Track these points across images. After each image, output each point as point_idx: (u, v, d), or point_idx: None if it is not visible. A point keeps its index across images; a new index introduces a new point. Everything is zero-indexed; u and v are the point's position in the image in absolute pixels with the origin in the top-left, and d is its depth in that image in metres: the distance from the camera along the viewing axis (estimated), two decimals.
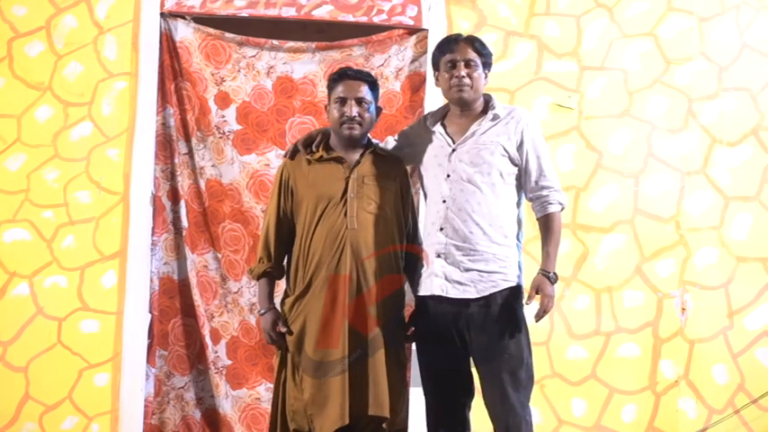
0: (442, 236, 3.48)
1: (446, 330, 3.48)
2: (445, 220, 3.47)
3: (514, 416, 3.40)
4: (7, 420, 4.77)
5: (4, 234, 4.83)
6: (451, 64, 3.52)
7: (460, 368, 3.54)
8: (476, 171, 3.46)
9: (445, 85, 3.55)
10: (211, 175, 4.93)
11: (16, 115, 4.88)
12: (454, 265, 3.45)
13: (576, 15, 4.95)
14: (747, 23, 4.96)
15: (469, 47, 3.54)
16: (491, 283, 3.44)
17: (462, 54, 3.52)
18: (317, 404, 3.51)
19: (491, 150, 3.47)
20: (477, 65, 3.53)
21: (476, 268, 3.44)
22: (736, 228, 4.89)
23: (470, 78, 3.51)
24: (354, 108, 3.58)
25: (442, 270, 3.47)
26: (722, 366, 4.85)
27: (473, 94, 3.53)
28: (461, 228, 3.45)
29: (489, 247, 3.45)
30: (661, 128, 4.92)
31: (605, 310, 4.85)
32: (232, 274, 4.92)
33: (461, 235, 3.45)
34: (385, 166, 3.65)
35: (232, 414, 4.90)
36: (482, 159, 3.47)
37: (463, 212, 3.45)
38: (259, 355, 4.90)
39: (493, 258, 3.45)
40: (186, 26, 4.92)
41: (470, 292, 3.43)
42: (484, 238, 3.45)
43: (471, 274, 3.44)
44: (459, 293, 3.44)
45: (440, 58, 3.57)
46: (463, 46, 3.54)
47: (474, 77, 3.51)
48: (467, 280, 3.44)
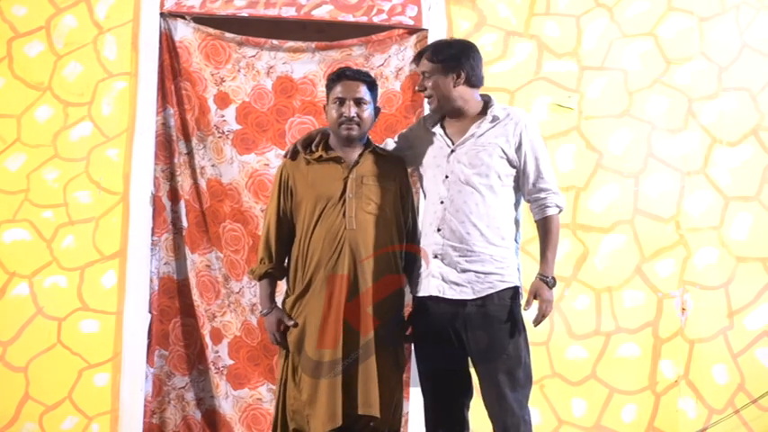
0: (439, 237, 3.48)
1: (444, 330, 3.48)
2: (442, 221, 3.48)
3: (512, 416, 3.40)
4: (7, 420, 4.77)
5: (3, 234, 4.83)
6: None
7: (458, 368, 3.54)
8: (474, 173, 3.46)
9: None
10: (212, 174, 4.93)
11: (16, 115, 4.87)
12: (451, 266, 3.46)
13: (575, 15, 4.94)
14: (747, 23, 4.96)
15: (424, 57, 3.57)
16: (488, 284, 3.44)
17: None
18: (313, 404, 3.51)
19: (489, 152, 3.47)
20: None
21: (472, 269, 3.44)
22: (736, 228, 4.89)
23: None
24: (353, 108, 3.58)
25: (439, 271, 3.47)
26: (722, 366, 4.85)
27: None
28: (458, 229, 3.45)
29: (486, 248, 3.45)
30: (661, 128, 4.92)
31: (605, 310, 4.85)
32: (233, 274, 4.92)
33: (458, 236, 3.45)
34: (384, 166, 3.64)
35: (232, 414, 4.89)
36: (480, 161, 3.47)
37: (461, 213, 3.46)
38: (260, 355, 4.90)
39: (490, 259, 3.45)
40: (186, 26, 4.92)
41: (467, 292, 3.44)
42: (481, 240, 3.45)
43: (468, 275, 3.44)
44: (456, 294, 3.44)
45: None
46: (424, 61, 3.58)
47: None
48: (463, 281, 3.44)
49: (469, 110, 3.56)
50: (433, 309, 3.50)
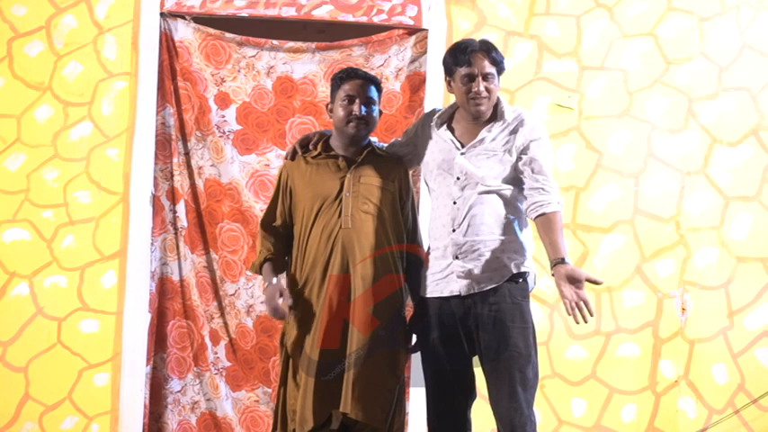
0: (455, 237, 3.46)
1: (453, 330, 3.46)
2: (457, 221, 3.46)
3: (521, 415, 3.39)
4: (7, 420, 4.77)
5: (3, 234, 4.83)
6: (469, 77, 3.47)
7: (464, 369, 3.53)
8: (485, 175, 3.45)
9: (461, 98, 3.50)
10: (210, 174, 4.93)
11: (16, 115, 4.88)
12: (475, 261, 3.43)
13: (575, 15, 4.95)
14: (747, 23, 4.96)
15: (487, 58, 3.46)
16: (515, 264, 3.42)
17: (480, 67, 3.46)
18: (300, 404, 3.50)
19: (499, 156, 3.47)
20: (494, 76, 3.50)
21: (495, 256, 3.42)
22: (736, 228, 4.89)
23: (488, 91, 3.48)
24: (363, 107, 3.57)
25: (463, 270, 3.45)
26: (722, 366, 4.85)
27: (490, 105, 3.50)
28: (475, 226, 3.44)
29: (503, 238, 3.44)
30: (661, 128, 4.92)
31: (605, 310, 4.84)
32: (229, 276, 4.92)
33: (476, 233, 3.44)
34: (384, 166, 3.63)
35: (233, 416, 4.89)
36: (490, 165, 3.45)
37: (475, 212, 3.44)
38: (255, 359, 4.89)
39: (509, 245, 3.44)
40: (186, 26, 4.92)
41: (495, 278, 3.41)
42: (498, 234, 3.44)
43: (492, 262, 3.42)
44: (488, 284, 3.41)
45: (454, 68, 3.49)
46: (480, 57, 3.47)
47: (491, 89, 3.48)
48: (489, 269, 3.43)
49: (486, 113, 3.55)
50: (443, 310, 3.48)
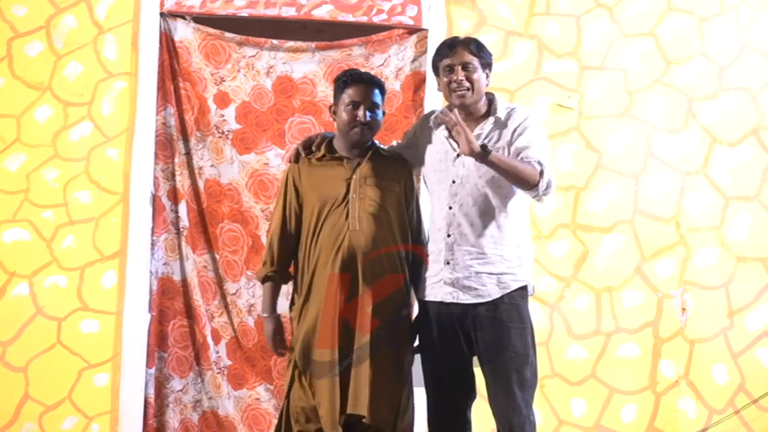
0: (449, 242, 3.46)
1: (452, 331, 3.46)
2: (452, 226, 3.46)
3: (519, 415, 3.40)
4: (7, 420, 4.77)
5: (3, 234, 4.83)
6: (449, 68, 3.49)
7: (463, 370, 3.53)
8: (481, 176, 3.45)
9: (445, 91, 3.53)
10: (210, 174, 4.93)
11: (16, 115, 4.87)
12: (463, 271, 3.43)
13: (575, 15, 4.94)
14: (747, 23, 4.96)
15: (466, 50, 3.50)
16: (502, 285, 3.42)
17: (459, 58, 3.49)
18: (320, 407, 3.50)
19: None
20: (476, 67, 3.50)
21: (485, 271, 3.42)
22: (736, 228, 4.89)
23: (470, 81, 3.48)
24: (367, 113, 3.56)
25: (451, 277, 3.45)
26: (722, 366, 4.85)
27: (474, 96, 3.50)
28: (469, 233, 3.43)
29: (497, 249, 3.43)
30: (661, 128, 4.92)
31: (605, 310, 4.84)
32: (230, 275, 4.92)
33: (469, 240, 3.43)
34: (388, 167, 3.63)
35: (235, 414, 4.89)
36: (485, 166, 3.45)
37: (470, 217, 3.44)
38: (257, 357, 4.90)
39: (501, 260, 3.43)
40: (186, 26, 4.92)
41: (483, 294, 3.41)
42: (491, 242, 3.43)
43: (481, 277, 3.42)
44: (471, 299, 3.42)
45: (438, 62, 3.54)
46: (460, 50, 3.50)
47: (473, 80, 3.49)
48: (477, 284, 3.42)
49: (479, 110, 3.55)
50: (441, 311, 3.48)
